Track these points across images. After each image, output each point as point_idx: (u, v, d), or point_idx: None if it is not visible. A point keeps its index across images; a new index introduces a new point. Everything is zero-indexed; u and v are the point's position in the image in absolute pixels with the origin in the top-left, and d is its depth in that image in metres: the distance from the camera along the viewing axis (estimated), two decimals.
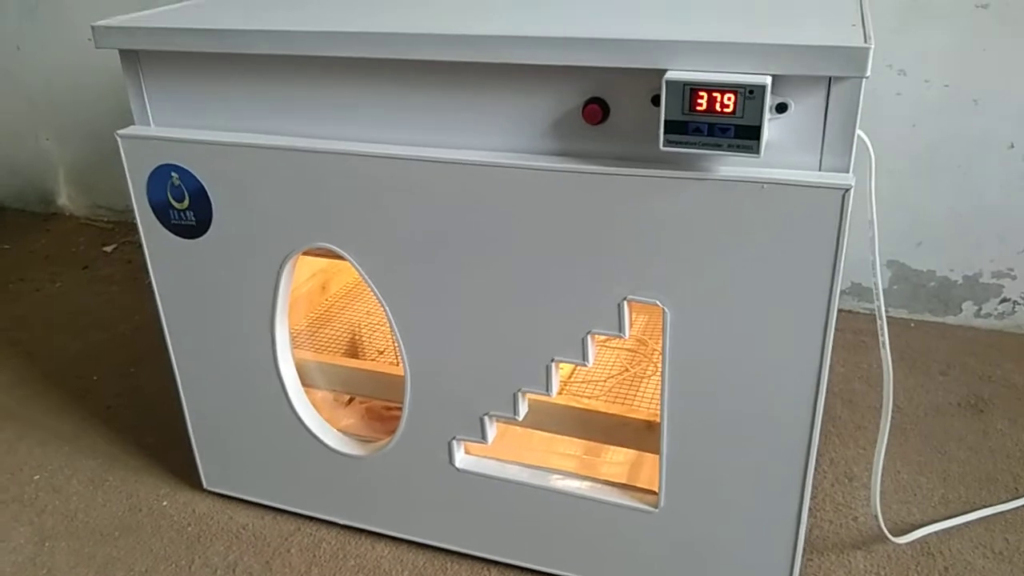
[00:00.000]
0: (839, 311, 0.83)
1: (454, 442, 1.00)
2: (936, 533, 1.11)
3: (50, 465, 1.28)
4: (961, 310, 1.60)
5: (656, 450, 0.92)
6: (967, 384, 1.43)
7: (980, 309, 1.59)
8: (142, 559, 1.10)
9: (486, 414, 0.96)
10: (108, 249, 2.03)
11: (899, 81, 1.46)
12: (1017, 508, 1.15)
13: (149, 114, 0.97)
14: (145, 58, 0.94)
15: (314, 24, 0.85)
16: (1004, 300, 1.57)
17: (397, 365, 1.18)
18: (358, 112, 0.88)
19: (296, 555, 1.10)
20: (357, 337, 1.29)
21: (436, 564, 1.08)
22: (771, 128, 0.75)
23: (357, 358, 1.26)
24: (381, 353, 1.28)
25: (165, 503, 1.20)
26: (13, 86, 2.12)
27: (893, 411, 0.97)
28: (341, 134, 0.89)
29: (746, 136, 0.71)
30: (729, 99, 0.71)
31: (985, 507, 1.15)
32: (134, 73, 0.95)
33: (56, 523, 1.17)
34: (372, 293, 0.94)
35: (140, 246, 1.03)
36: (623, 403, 1.09)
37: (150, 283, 1.04)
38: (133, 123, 0.98)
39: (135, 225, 1.01)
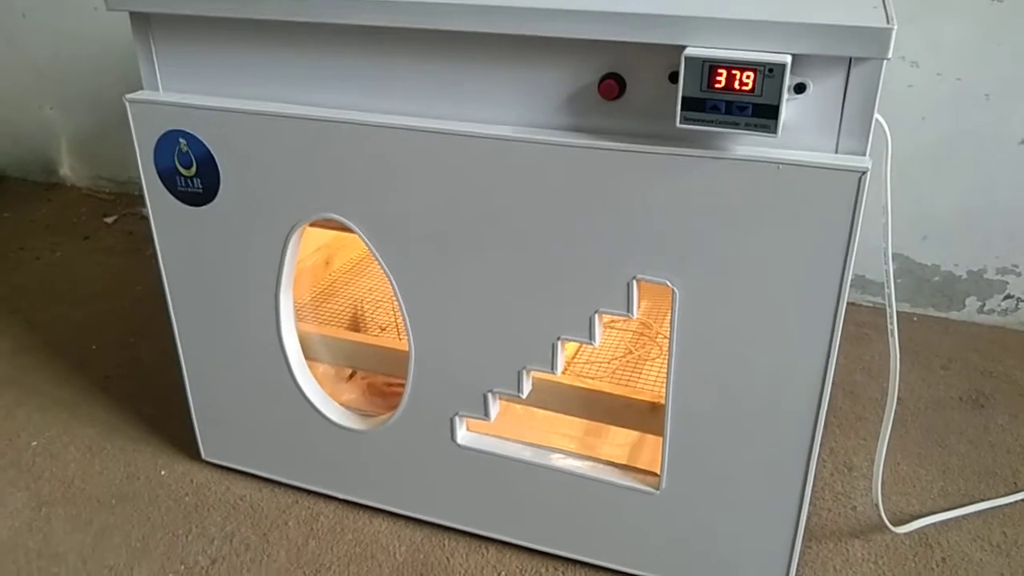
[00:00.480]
0: None
1: (456, 418, 0.99)
2: (934, 524, 1.11)
3: (48, 432, 1.28)
4: (964, 305, 1.60)
5: (659, 432, 0.92)
6: (968, 379, 1.43)
7: (984, 305, 1.59)
8: (139, 527, 1.10)
9: (490, 391, 0.96)
10: (109, 220, 2.01)
11: (911, 73, 1.45)
12: (1015, 502, 1.15)
13: (158, 79, 0.96)
14: (156, 21, 0.93)
15: None
16: (1008, 297, 1.56)
17: (400, 341, 1.17)
18: (370, 82, 0.87)
19: (294, 527, 1.10)
20: (359, 313, 1.29)
21: (434, 540, 1.07)
22: (789, 108, 0.74)
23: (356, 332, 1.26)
24: (383, 329, 1.27)
25: (163, 472, 1.19)
26: (18, 55, 2.11)
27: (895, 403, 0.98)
28: (353, 104, 0.88)
29: (764, 115, 0.71)
30: (748, 77, 0.70)
31: (984, 500, 1.15)
32: (144, 36, 0.94)
33: (53, 489, 1.16)
34: (376, 269, 0.94)
35: (142, 218, 1.02)
36: (626, 385, 1.08)
37: (151, 254, 1.04)
38: (141, 89, 0.97)
39: (137, 197, 1.01)
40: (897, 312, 1.62)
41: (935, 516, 1.11)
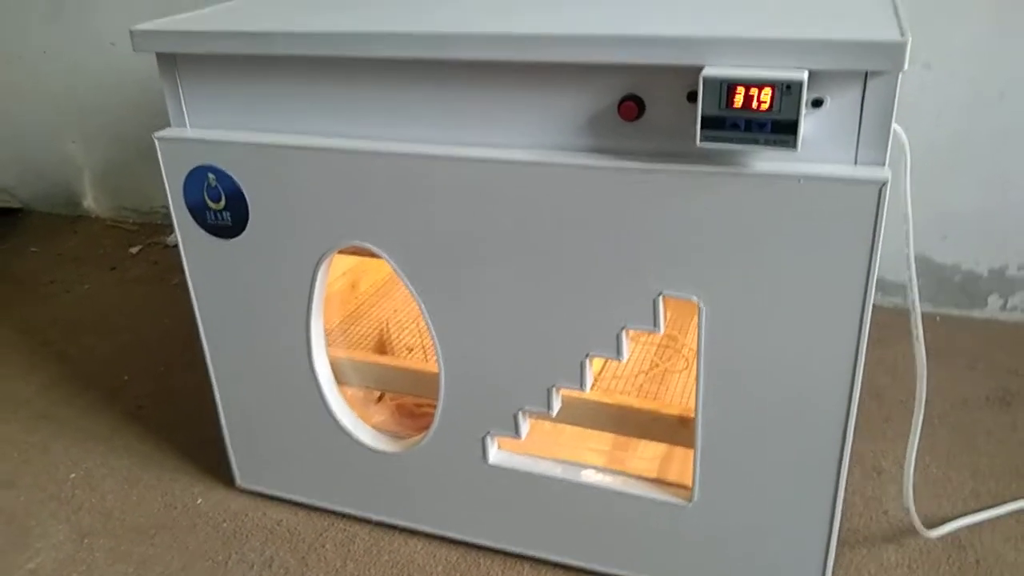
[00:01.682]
0: None
1: (487, 438, 1.01)
2: (967, 526, 1.11)
3: (85, 464, 1.30)
4: (987, 304, 1.60)
5: (689, 444, 0.93)
6: (994, 378, 1.42)
7: (1006, 303, 1.59)
8: (179, 556, 1.12)
9: (520, 410, 0.97)
10: (134, 251, 2.05)
11: (924, 74, 1.46)
12: None
13: (185, 116, 0.98)
14: (182, 61, 0.95)
15: (348, 25, 0.86)
16: None
17: (427, 362, 1.19)
18: (393, 112, 0.89)
19: (331, 550, 1.11)
20: (386, 335, 1.31)
21: (469, 560, 1.09)
22: (807, 123, 0.75)
23: (386, 355, 1.28)
24: (410, 351, 1.29)
25: (199, 501, 1.21)
26: (40, 91, 2.15)
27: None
28: (377, 134, 0.90)
29: (783, 131, 0.72)
30: (766, 94, 0.71)
31: (1016, 500, 1.14)
32: (171, 76, 0.96)
33: (93, 521, 1.18)
34: (401, 290, 0.95)
35: (166, 247, 1.04)
36: (653, 398, 1.09)
37: (177, 284, 1.06)
38: (165, 125, 0.99)
39: (159, 226, 1.03)
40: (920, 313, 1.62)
41: (967, 518, 1.11)
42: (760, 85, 0.71)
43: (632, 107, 0.79)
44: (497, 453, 1.03)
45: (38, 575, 1.09)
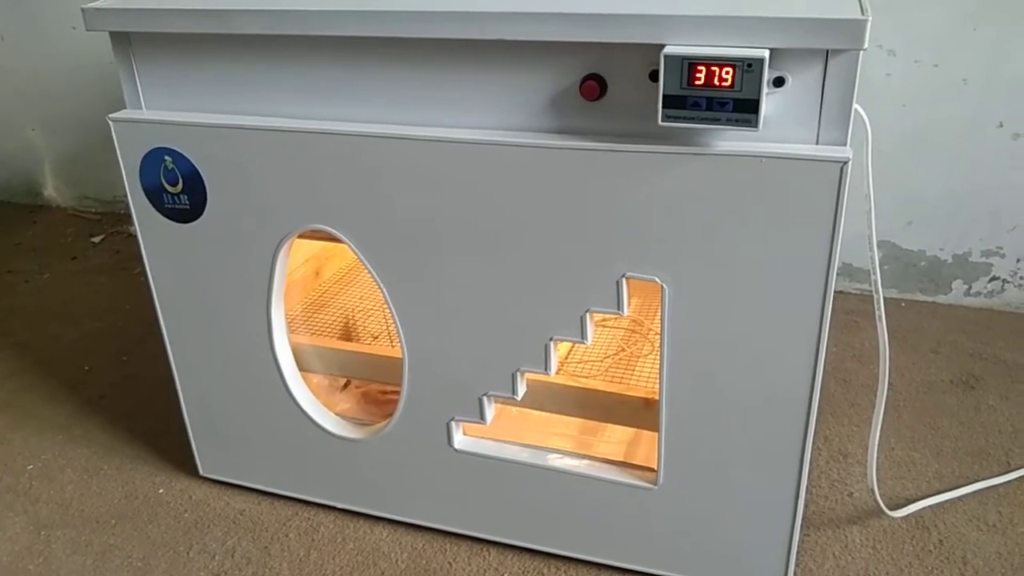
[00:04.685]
0: None
1: (452, 423, 1.00)
2: (930, 507, 1.12)
3: (44, 455, 1.27)
4: (951, 289, 1.61)
5: (654, 428, 0.93)
6: (958, 362, 1.44)
7: (970, 288, 1.60)
8: (140, 546, 1.10)
9: (485, 395, 0.96)
10: (96, 240, 2.01)
11: (889, 61, 1.46)
12: (1009, 482, 1.16)
13: (141, 97, 0.96)
14: (136, 40, 0.93)
15: (306, 3, 0.85)
16: (994, 279, 1.58)
17: (392, 348, 1.18)
18: (353, 92, 0.87)
19: (295, 539, 1.10)
20: (351, 323, 1.29)
21: (435, 546, 1.08)
22: (769, 102, 0.75)
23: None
24: (375, 338, 1.27)
25: (161, 491, 1.19)
26: None
27: (887, 389, 0.99)
28: (336, 115, 0.89)
29: (744, 110, 0.71)
30: (727, 73, 0.71)
31: (978, 481, 1.16)
32: (125, 56, 0.94)
33: (51, 512, 1.16)
34: (366, 278, 0.94)
35: (128, 236, 1.02)
36: (620, 382, 1.09)
37: (139, 273, 1.04)
38: (123, 108, 0.97)
39: (122, 216, 1.01)
40: (884, 298, 1.64)
41: (931, 499, 1.13)
42: (721, 63, 0.71)
43: (594, 87, 0.78)
44: (462, 439, 1.02)
45: None
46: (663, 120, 0.74)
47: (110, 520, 1.14)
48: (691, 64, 0.71)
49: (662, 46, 0.72)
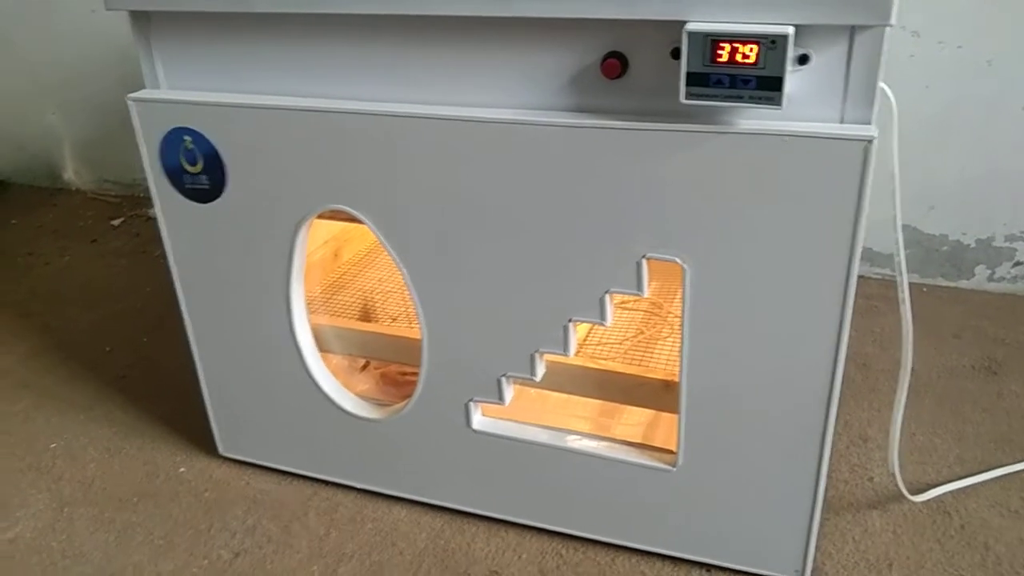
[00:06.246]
0: None
1: (471, 404, 1.00)
2: (952, 492, 1.11)
3: (66, 434, 1.29)
4: (974, 274, 1.60)
5: (673, 410, 0.92)
6: (980, 347, 1.42)
7: (993, 273, 1.58)
8: (161, 524, 1.11)
9: (503, 375, 0.96)
10: (115, 223, 2.02)
11: (912, 43, 1.44)
12: None
13: (160, 77, 0.96)
14: (156, 19, 0.93)
15: None
16: (1017, 263, 1.56)
17: (412, 329, 1.18)
18: (373, 71, 0.87)
19: (314, 518, 1.10)
20: (370, 304, 1.29)
21: (453, 526, 1.08)
22: (792, 80, 0.74)
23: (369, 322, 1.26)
24: (394, 319, 1.28)
25: (182, 470, 1.20)
26: (17, 61, 2.11)
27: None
28: (356, 93, 0.88)
29: (768, 88, 0.71)
30: (751, 50, 0.70)
31: (1000, 467, 1.15)
32: (144, 35, 0.94)
33: (74, 490, 1.17)
34: (385, 259, 0.94)
35: (148, 219, 1.02)
36: (639, 364, 1.09)
37: (159, 255, 1.04)
38: (143, 88, 0.97)
39: (142, 198, 1.01)
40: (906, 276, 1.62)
41: (952, 484, 1.12)
42: (745, 40, 0.70)
43: (615, 65, 0.77)
44: (481, 420, 1.02)
45: (17, 544, 1.08)
46: (686, 98, 0.73)
47: (132, 498, 1.15)
48: (714, 41, 0.70)
49: (684, 23, 0.72)
